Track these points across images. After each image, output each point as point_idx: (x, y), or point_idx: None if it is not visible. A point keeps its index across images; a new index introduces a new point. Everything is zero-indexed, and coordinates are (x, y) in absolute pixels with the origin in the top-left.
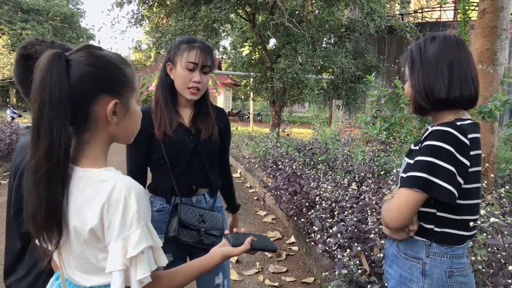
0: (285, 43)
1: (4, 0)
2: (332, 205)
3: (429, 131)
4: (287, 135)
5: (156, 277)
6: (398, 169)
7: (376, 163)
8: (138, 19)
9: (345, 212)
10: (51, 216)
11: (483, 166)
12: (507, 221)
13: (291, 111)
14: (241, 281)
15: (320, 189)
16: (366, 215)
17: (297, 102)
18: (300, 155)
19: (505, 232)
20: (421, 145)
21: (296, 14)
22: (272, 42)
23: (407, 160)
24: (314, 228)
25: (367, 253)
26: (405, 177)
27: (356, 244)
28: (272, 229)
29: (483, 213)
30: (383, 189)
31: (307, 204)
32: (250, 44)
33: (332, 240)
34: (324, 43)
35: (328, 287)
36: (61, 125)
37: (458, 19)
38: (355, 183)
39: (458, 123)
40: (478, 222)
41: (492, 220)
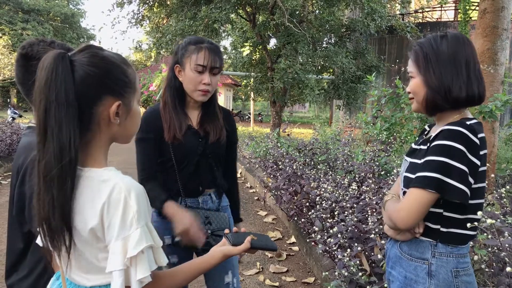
0: (285, 43)
1: (4, 1)
2: (333, 205)
3: (439, 130)
4: (288, 135)
5: (156, 276)
6: (398, 169)
7: (377, 163)
8: (139, 20)
9: (345, 212)
10: (65, 217)
11: None
12: (507, 221)
13: (291, 111)
14: (241, 281)
15: (321, 189)
16: (367, 215)
17: (297, 102)
18: (300, 155)
19: (506, 232)
20: (429, 144)
21: (296, 14)
22: (273, 42)
23: (409, 159)
24: (315, 228)
25: (367, 253)
26: (415, 177)
27: (356, 244)
28: (272, 229)
29: (480, 214)
30: (384, 189)
31: (307, 204)
32: (251, 44)
33: (332, 240)
34: (324, 43)
35: (328, 287)
36: (70, 126)
37: (458, 19)
38: (355, 183)
39: (467, 123)
40: (476, 223)
41: (489, 221)
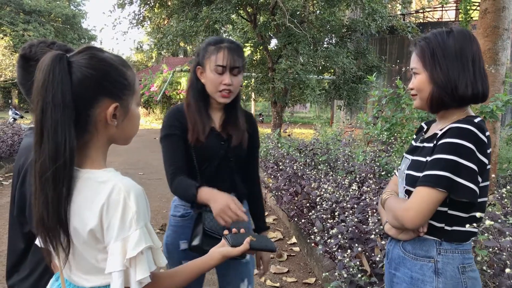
0: (286, 44)
1: (6, 2)
2: (333, 205)
3: (447, 127)
4: (289, 135)
5: (156, 277)
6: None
7: (377, 164)
8: (140, 20)
9: (345, 212)
10: (59, 218)
11: None
12: (509, 222)
13: (292, 111)
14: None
15: (321, 189)
16: (367, 216)
17: (298, 102)
18: (301, 155)
19: (507, 233)
20: (436, 142)
21: (297, 14)
22: (274, 42)
23: (410, 157)
24: (315, 229)
25: (368, 254)
26: (423, 175)
27: (357, 245)
28: (273, 229)
29: (479, 215)
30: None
31: (308, 204)
32: (252, 44)
33: (332, 240)
34: (325, 43)
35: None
36: (66, 127)
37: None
38: (356, 183)
39: (475, 120)
40: (475, 224)
41: (488, 223)
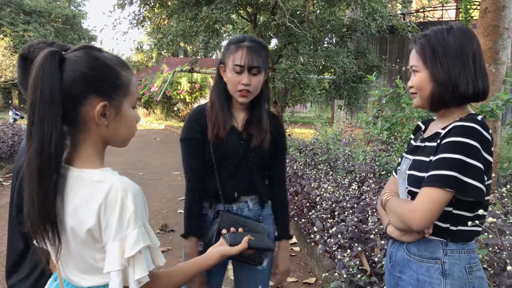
0: (286, 43)
1: (6, 2)
2: (333, 205)
3: (450, 126)
4: (289, 135)
5: (154, 276)
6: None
7: (377, 163)
8: (140, 20)
9: (345, 212)
10: (44, 214)
11: None
12: (509, 221)
13: (293, 111)
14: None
15: (321, 189)
16: (367, 215)
17: (299, 102)
18: (301, 155)
19: (508, 231)
20: (440, 141)
21: (297, 14)
22: (274, 42)
23: (411, 157)
24: (315, 229)
25: (367, 253)
26: (428, 176)
27: (356, 245)
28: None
29: (482, 212)
30: None
31: (308, 204)
32: None
33: (332, 240)
34: (325, 43)
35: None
36: (52, 122)
37: (459, 18)
38: (356, 183)
39: (479, 118)
40: (477, 221)
41: (490, 220)
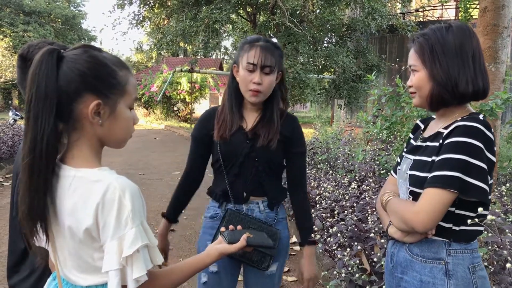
0: (286, 43)
1: (6, 3)
2: (333, 204)
3: (452, 126)
4: None
5: (152, 275)
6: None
7: (377, 162)
8: (139, 20)
9: (345, 211)
10: (33, 210)
11: None
12: (509, 219)
13: (293, 111)
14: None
15: (321, 188)
16: (367, 214)
17: (299, 102)
18: None
19: (507, 230)
20: (442, 141)
21: (297, 14)
22: None
23: (412, 157)
24: (315, 228)
25: (367, 252)
26: (431, 176)
27: (356, 244)
28: None
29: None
30: None
31: None
32: None
33: (332, 239)
34: (325, 42)
35: (327, 286)
36: (45, 119)
37: (459, 18)
38: (355, 182)
39: (481, 117)
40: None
41: (490, 217)
